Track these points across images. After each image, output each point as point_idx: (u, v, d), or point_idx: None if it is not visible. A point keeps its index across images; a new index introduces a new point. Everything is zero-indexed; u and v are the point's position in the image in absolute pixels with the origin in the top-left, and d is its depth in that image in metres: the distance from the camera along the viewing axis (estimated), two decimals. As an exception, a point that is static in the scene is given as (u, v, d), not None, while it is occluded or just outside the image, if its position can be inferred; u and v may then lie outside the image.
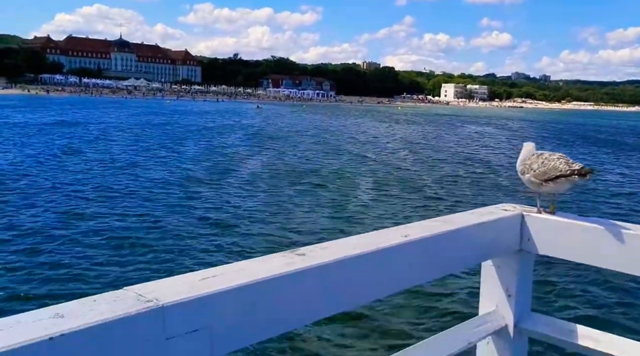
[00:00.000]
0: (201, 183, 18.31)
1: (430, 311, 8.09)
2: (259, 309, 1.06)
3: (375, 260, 1.30)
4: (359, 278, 1.28)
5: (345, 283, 1.25)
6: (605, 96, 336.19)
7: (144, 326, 0.87)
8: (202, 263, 9.80)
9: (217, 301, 0.98)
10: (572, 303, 8.69)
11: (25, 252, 10.20)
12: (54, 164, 21.60)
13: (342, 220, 13.63)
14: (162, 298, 0.90)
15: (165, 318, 0.89)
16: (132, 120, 53.31)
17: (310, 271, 1.14)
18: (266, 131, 45.28)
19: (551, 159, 1.70)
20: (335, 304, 1.25)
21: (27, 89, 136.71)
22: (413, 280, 1.50)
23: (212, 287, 0.98)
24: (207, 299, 0.96)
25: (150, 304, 0.88)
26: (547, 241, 1.71)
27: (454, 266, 1.68)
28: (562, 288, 9.20)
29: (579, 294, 9.03)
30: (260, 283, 1.05)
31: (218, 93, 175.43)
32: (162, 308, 0.88)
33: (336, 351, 6.73)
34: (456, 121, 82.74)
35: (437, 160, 28.47)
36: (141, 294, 0.91)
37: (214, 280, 1.02)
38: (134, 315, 0.85)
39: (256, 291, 1.05)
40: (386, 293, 1.42)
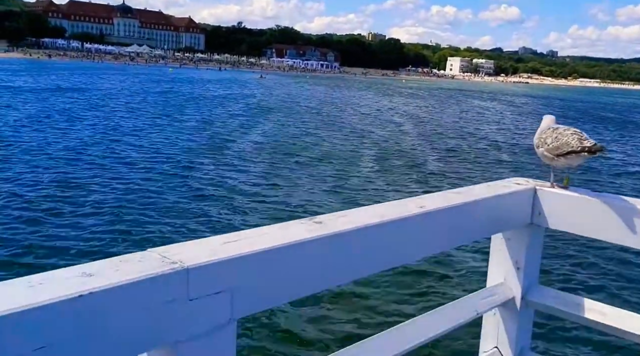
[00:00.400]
0: (198, 155, 18.18)
1: (434, 283, 8.12)
2: (278, 274, 1.07)
3: (392, 230, 1.32)
4: (375, 248, 1.29)
5: (361, 252, 1.26)
6: (612, 73, 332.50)
7: (169, 287, 0.88)
8: (190, 232, 9.76)
9: (238, 265, 0.99)
10: (581, 277, 8.67)
11: (21, 221, 10.17)
12: (49, 131, 21.43)
13: (343, 194, 13.55)
14: (186, 261, 0.92)
15: (189, 280, 0.90)
16: (133, 87, 52.87)
17: (328, 238, 1.16)
18: (267, 102, 44.89)
19: (565, 134, 1.69)
20: (351, 272, 1.28)
21: (28, 52, 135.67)
22: (428, 250, 1.51)
23: (234, 251, 0.99)
24: (229, 262, 0.97)
25: (175, 266, 0.89)
26: (558, 215, 1.72)
27: (468, 237, 1.69)
28: (571, 263, 9.18)
29: (587, 269, 9.01)
30: (280, 249, 1.06)
31: (221, 62, 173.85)
32: (186, 270, 0.90)
33: (348, 317, 6.77)
34: (460, 95, 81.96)
35: (440, 135, 28.24)
36: (166, 256, 0.93)
37: (236, 244, 1.03)
38: (160, 275, 0.87)
39: (276, 256, 1.06)
40: (401, 262, 1.45)
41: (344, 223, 1.23)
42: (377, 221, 1.28)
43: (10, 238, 8.97)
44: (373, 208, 1.40)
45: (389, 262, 1.40)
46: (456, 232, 1.57)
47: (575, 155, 1.65)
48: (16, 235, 9.18)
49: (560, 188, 1.74)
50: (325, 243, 1.16)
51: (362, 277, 1.29)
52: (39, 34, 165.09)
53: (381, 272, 1.45)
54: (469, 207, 1.55)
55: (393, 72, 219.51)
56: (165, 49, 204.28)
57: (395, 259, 1.42)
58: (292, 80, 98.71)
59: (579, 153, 1.64)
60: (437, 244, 1.55)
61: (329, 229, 1.18)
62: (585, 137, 1.67)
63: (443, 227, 1.50)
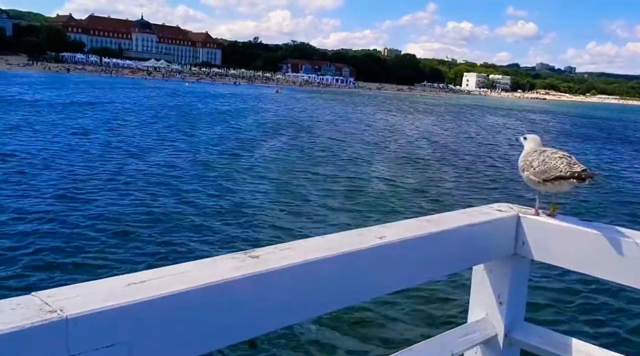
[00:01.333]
0: (207, 170, 17.76)
1: (414, 318, 7.51)
2: (194, 321, 0.94)
3: (342, 265, 1.19)
4: (320, 286, 1.17)
5: (304, 291, 1.13)
6: (631, 90, 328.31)
7: (43, 341, 0.76)
8: (196, 252, 9.22)
9: (141, 312, 0.86)
10: (569, 313, 8.11)
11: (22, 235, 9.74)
12: (62, 146, 21.21)
13: (336, 211, 12.95)
14: (68, 308, 0.80)
15: (70, 332, 0.78)
16: (148, 101, 53.07)
17: (263, 276, 1.04)
18: (279, 117, 44.62)
19: (553, 158, 1.59)
20: (289, 314, 1.14)
21: (48, 66, 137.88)
22: (388, 287, 1.38)
23: (135, 296, 0.86)
24: (127, 309, 0.84)
25: (52, 315, 0.78)
26: (544, 246, 1.59)
27: (439, 271, 1.54)
28: (559, 297, 8.58)
29: (576, 305, 8.43)
30: (199, 291, 0.93)
31: (237, 76, 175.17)
32: (65, 321, 0.78)
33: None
34: (477, 111, 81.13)
35: (451, 154, 27.54)
36: (47, 302, 0.81)
37: (142, 286, 0.90)
38: (33, 327, 0.75)
39: (194, 300, 0.93)
40: (353, 301, 1.30)
41: (284, 258, 1.10)
42: (325, 255, 1.15)
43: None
44: (324, 240, 1.26)
45: (336, 302, 1.24)
46: (426, 265, 1.43)
47: (563, 181, 1.54)
48: None
49: (546, 216, 1.61)
50: (259, 282, 1.03)
51: (303, 320, 1.15)
52: (59, 49, 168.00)
53: (328, 313, 1.27)
54: (441, 237, 1.43)
55: (409, 88, 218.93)
56: (183, 64, 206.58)
57: (344, 298, 1.26)
58: (306, 95, 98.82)
59: (568, 179, 1.53)
60: (401, 280, 1.41)
61: (266, 265, 1.05)
62: (574, 162, 1.56)
63: (409, 260, 1.36)
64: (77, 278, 7.71)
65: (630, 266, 1.43)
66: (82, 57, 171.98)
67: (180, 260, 1.03)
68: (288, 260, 1.09)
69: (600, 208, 15.00)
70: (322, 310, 1.25)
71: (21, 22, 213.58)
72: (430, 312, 7.75)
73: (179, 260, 0.93)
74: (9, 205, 11.81)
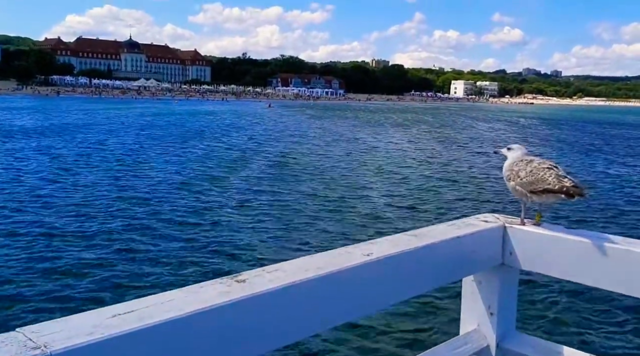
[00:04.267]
0: (191, 190, 18.08)
1: (406, 332, 7.66)
2: (182, 350, 0.92)
3: (330, 284, 1.17)
4: (309, 307, 1.15)
5: (293, 313, 1.11)
6: (617, 91, 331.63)
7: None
8: (182, 277, 9.56)
9: (125, 345, 0.83)
10: (560, 322, 8.26)
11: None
12: (46, 173, 21.48)
13: (330, 228, 13.32)
14: (52, 344, 0.78)
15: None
16: (135, 121, 53.27)
17: (251, 301, 1.02)
18: (271, 133, 44.86)
19: (540, 168, 1.55)
20: (279, 337, 1.11)
21: (37, 90, 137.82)
22: (378, 304, 1.36)
23: (121, 327, 0.84)
24: (112, 342, 0.81)
25: (36, 352, 0.76)
26: (531, 255, 1.57)
27: (429, 285, 1.52)
28: (550, 306, 8.74)
29: (567, 313, 8.58)
30: (185, 319, 0.91)
31: (227, 92, 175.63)
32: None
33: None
34: (463, 118, 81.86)
35: (438, 164, 27.99)
36: (31, 338, 0.79)
37: (127, 317, 0.87)
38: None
39: (180, 328, 0.91)
40: (343, 320, 1.27)
41: (271, 281, 1.08)
42: (313, 275, 1.13)
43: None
44: (312, 259, 1.24)
45: (326, 322, 1.23)
46: (415, 280, 1.42)
47: (551, 195, 1.52)
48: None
49: (532, 226, 1.60)
50: (246, 307, 1.01)
51: (292, 342, 1.13)
52: (48, 72, 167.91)
53: (318, 333, 1.15)
54: (428, 250, 1.41)
55: (398, 97, 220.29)
56: (172, 82, 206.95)
57: (334, 318, 1.24)
58: (297, 109, 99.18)
59: (556, 193, 1.50)
60: (390, 295, 1.39)
61: (253, 289, 1.04)
62: (563, 174, 1.53)
63: (397, 276, 1.34)
64: (61, 312, 7.77)
65: (617, 272, 1.42)
66: (71, 79, 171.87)
67: (166, 287, 0.87)
68: (276, 282, 1.08)
69: (586, 214, 15.06)
70: (311, 331, 1.23)
71: (10, 47, 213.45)
72: (422, 325, 7.81)
73: (165, 288, 0.86)
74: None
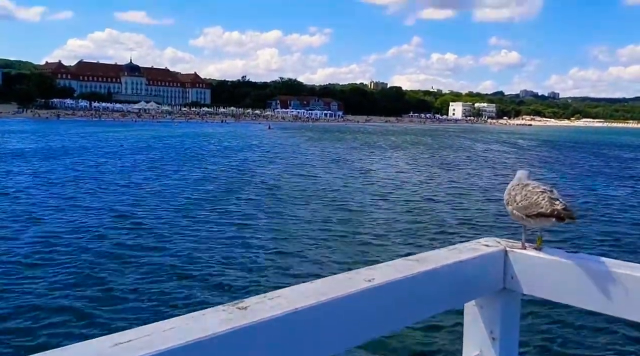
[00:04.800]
0: (189, 215, 17.89)
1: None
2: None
3: (333, 311, 1.17)
4: (311, 334, 1.14)
5: (295, 341, 1.11)
6: (615, 113, 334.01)
7: None
8: (184, 303, 9.30)
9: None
10: (563, 347, 8.06)
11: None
12: (43, 193, 21.31)
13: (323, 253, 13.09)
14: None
15: None
16: (135, 144, 53.37)
17: (252, 328, 1.02)
18: (271, 155, 44.85)
19: (534, 192, 1.56)
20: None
21: (37, 113, 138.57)
22: (380, 330, 1.35)
23: (123, 355, 0.85)
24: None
25: None
26: (533, 279, 1.57)
27: (431, 310, 1.51)
28: (552, 331, 8.53)
29: (570, 338, 8.37)
30: (186, 348, 0.91)
31: (227, 114, 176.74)
32: None
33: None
34: (463, 139, 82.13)
35: (439, 186, 27.85)
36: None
37: (128, 346, 0.87)
38: None
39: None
40: (346, 347, 1.26)
41: (273, 308, 1.08)
42: (315, 302, 1.13)
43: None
44: (313, 285, 1.24)
45: (329, 348, 1.21)
46: (417, 305, 1.41)
47: (544, 218, 1.53)
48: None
49: (533, 250, 1.60)
50: (248, 335, 1.01)
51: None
52: (48, 95, 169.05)
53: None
54: (430, 275, 1.41)
55: (396, 119, 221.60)
56: (172, 105, 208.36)
57: (337, 344, 1.23)
58: (296, 130, 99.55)
59: (548, 217, 1.51)
60: (393, 321, 1.38)
61: (255, 316, 1.03)
62: (555, 197, 1.53)
63: (399, 301, 1.34)
64: (61, 341, 7.75)
65: (619, 297, 1.41)
66: (71, 102, 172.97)
67: (168, 314, 0.99)
68: (278, 309, 1.08)
69: (587, 237, 14.84)
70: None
71: (11, 70, 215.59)
72: (424, 348, 7.66)
73: (167, 315, 0.83)
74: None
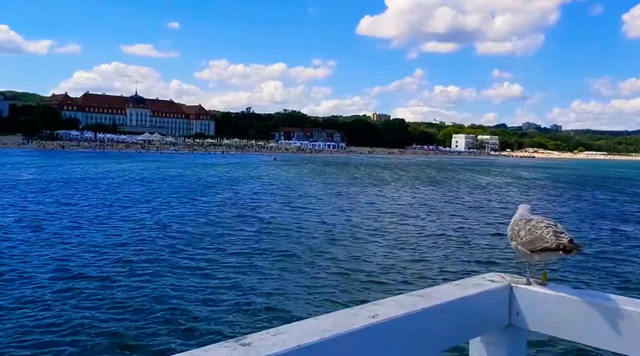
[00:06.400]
0: (190, 247, 17.44)
1: None
2: None
3: (336, 347, 1.15)
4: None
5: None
6: (618, 145, 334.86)
7: None
8: (184, 340, 8.81)
9: None
10: None
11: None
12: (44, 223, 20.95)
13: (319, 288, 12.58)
14: None
15: None
16: (138, 176, 53.31)
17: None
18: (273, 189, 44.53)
19: (538, 227, 1.56)
20: None
21: (42, 144, 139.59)
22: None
23: None
24: None
25: None
26: (538, 316, 1.55)
27: (436, 347, 1.48)
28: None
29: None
30: None
31: (231, 146, 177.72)
32: None
33: None
34: (469, 173, 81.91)
35: (442, 220, 27.39)
36: None
37: None
38: None
39: None
40: None
41: (276, 344, 1.06)
42: (318, 339, 1.11)
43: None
44: (317, 321, 1.21)
45: None
46: (421, 342, 1.38)
47: (550, 252, 1.52)
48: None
49: (538, 285, 1.58)
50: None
51: None
52: (53, 126, 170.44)
53: None
54: (435, 312, 1.38)
55: (399, 151, 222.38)
56: (176, 136, 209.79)
57: None
58: (297, 163, 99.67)
59: (554, 251, 1.51)
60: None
61: (258, 353, 1.02)
62: (560, 231, 1.54)
63: (403, 338, 1.31)
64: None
65: (627, 334, 1.38)
66: (76, 133, 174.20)
67: (169, 351, 1.01)
68: (281, 346, 1.07)
69: (593, 274, 14.60)
70: None
71: (17, 102, 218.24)
72: None
73: (168, 351, 0.75)
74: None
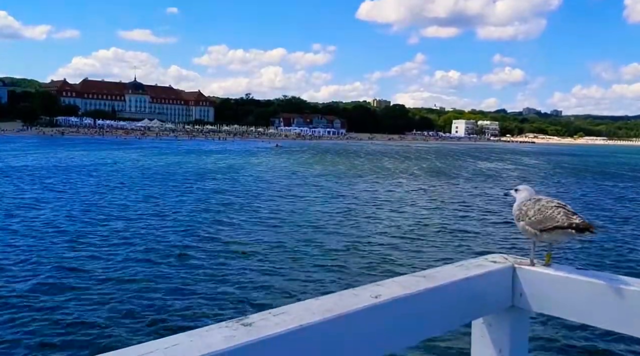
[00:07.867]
0: (192, 231, 17.60)
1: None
2: None
3: (338, 328, 1.14)
4: (317, 350, 1.11)
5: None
6: (618, 130, 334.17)
7: None
8: (187, 320, 8.99)
9: None
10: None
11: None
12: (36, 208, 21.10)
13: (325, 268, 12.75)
14: None
15: None
16: (136, 162, 53.30)
17: (256, 346, 0.98)
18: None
19: (548, 207, 1.57)
20: None
21: (42, 131, 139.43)
22: (386, 348, 1.30)
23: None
24: None
25: None
26: (542, 297, 1.54)
27: (438, 328, 1.47)
28: (562, 349, 8.28)
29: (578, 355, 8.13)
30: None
31: (230, 132, 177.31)
32: None
33: None
34: (467, 157, 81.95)
35: (445, 203, 27.53)
36: None
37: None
38: None
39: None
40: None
41: (278, 324, 1.05)
42: (320, 319, 1.11)
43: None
44: (319, 301, 1.20)
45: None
46: (424, 323, 1.38)
47: (560, 232, 1.53)
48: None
49: (542, 266, 1.58)
50: (252, 352, 0.98)
51: None
52: (52, 113, 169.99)
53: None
54: (437, 292, 1.38)
55: (399, 136, 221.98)
56: (176, 122, 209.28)
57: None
58: (297, 149, 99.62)
59: (566, 230, 1.51)
60: (399, 339, 1.33)
61: (259, 333, 1.01)
62: (571, 211, 1.55)
63: (406, 319, 1.31)
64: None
65: (630, 315, 1.39)
66: (76, 120, 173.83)
67: (172, 330, 1.06)
68: (283, 326, 1.05)
69: (596, 255, 14.68)
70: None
71: (16, 89, 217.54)
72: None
73: (170, 331, 0.82)
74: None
